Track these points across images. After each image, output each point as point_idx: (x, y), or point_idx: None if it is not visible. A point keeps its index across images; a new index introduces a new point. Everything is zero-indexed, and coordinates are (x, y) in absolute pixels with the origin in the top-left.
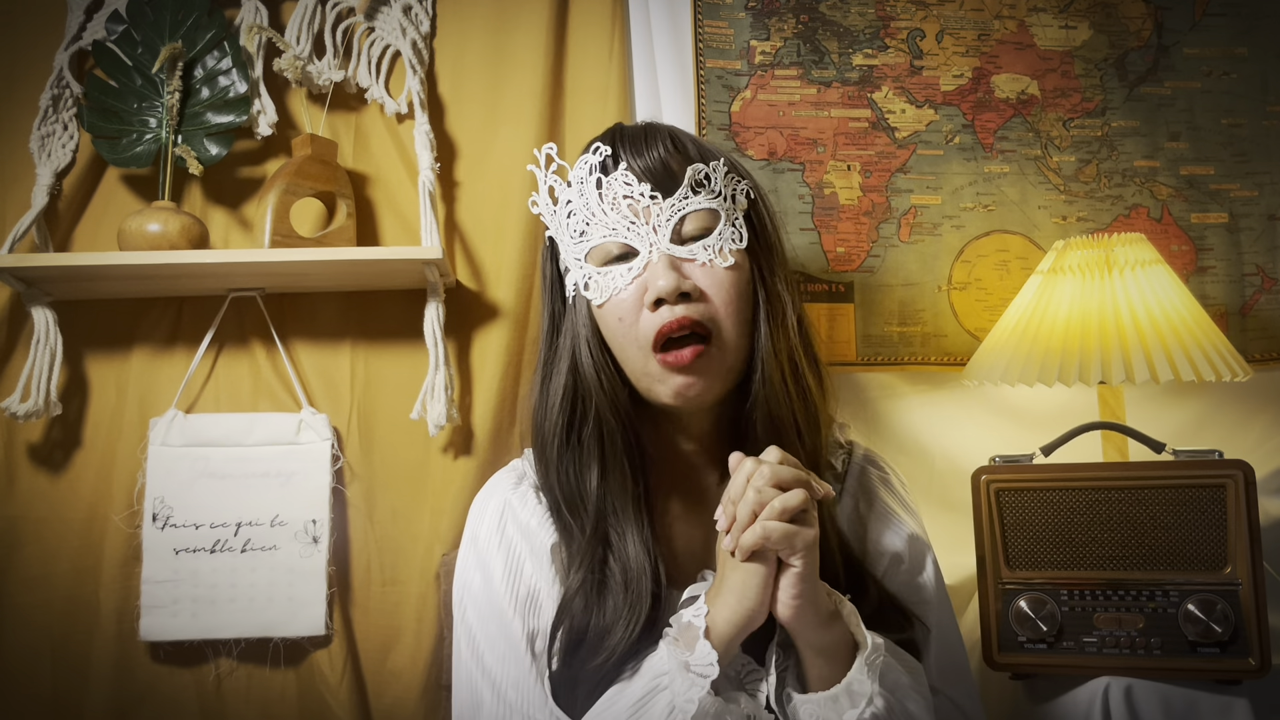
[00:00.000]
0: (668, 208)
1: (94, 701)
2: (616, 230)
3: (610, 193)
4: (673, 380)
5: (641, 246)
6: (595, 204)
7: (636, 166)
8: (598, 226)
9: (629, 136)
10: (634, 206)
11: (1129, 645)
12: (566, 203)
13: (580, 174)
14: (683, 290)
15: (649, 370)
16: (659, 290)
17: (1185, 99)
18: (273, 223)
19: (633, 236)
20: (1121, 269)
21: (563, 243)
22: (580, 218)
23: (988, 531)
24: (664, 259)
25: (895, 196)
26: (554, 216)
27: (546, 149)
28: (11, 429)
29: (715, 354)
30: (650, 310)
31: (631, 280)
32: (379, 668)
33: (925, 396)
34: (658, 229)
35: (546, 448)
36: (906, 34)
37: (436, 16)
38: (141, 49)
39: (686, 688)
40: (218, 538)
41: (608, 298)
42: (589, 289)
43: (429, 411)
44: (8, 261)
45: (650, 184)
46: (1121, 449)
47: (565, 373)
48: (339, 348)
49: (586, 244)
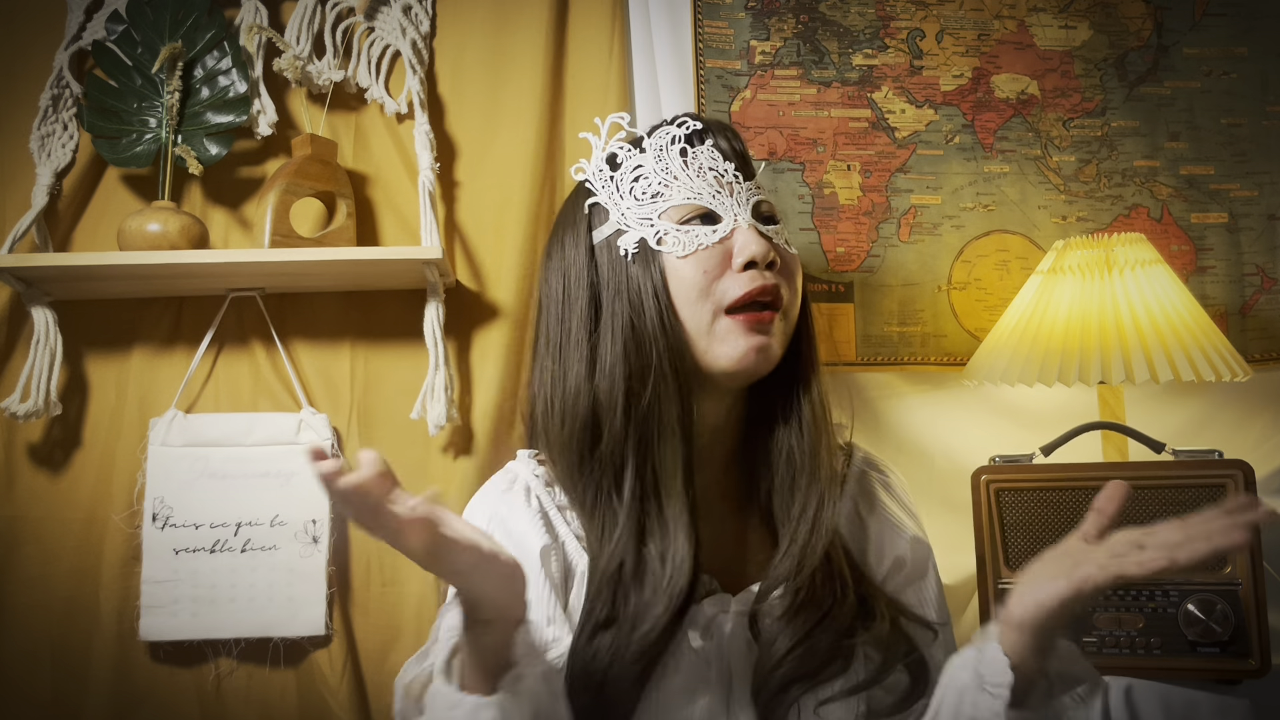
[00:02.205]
0: (747, 189)
1: (93, 701)
2: (701, 195)
3: (696, 162)
4: (745, 340)
5: (726, 214)
6: (679, 169)
7: (723, 146)
8: (679, 189)
9: (715, 123)
10: (719, 179)
11: (1129, 645)
12: (635, 167)
13: (659, 142)
14: (771, 259)
15: (715, 330)
16: (754, 253)
17: (1185, 99)
18: (273, 223)
19: (717, 204)
20: (1121, 269)
21: (619, 205)
22: (656, 180)
23: (987, 531)
24: (752, 228)
25: (895, 196)
26: (609, 182)
27: (613, 118)
28: (11, 429)
29: (782, 325)
30: (737, 271)
31: (719, 240)
32: (379, 668)
33: (925, 396)
34: (741, 204)
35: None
36: (906, 34)
37: (436, 16)
38: (141, 49)
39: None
40: (218, 538)
41: (692, 251)
42: (665, 243)
43: (429, 411)
44: (8, 261)
45: (734, 164)
46: (1121, 449)
47: (621, 336)
48: (339, 348)
49: (663, 204)
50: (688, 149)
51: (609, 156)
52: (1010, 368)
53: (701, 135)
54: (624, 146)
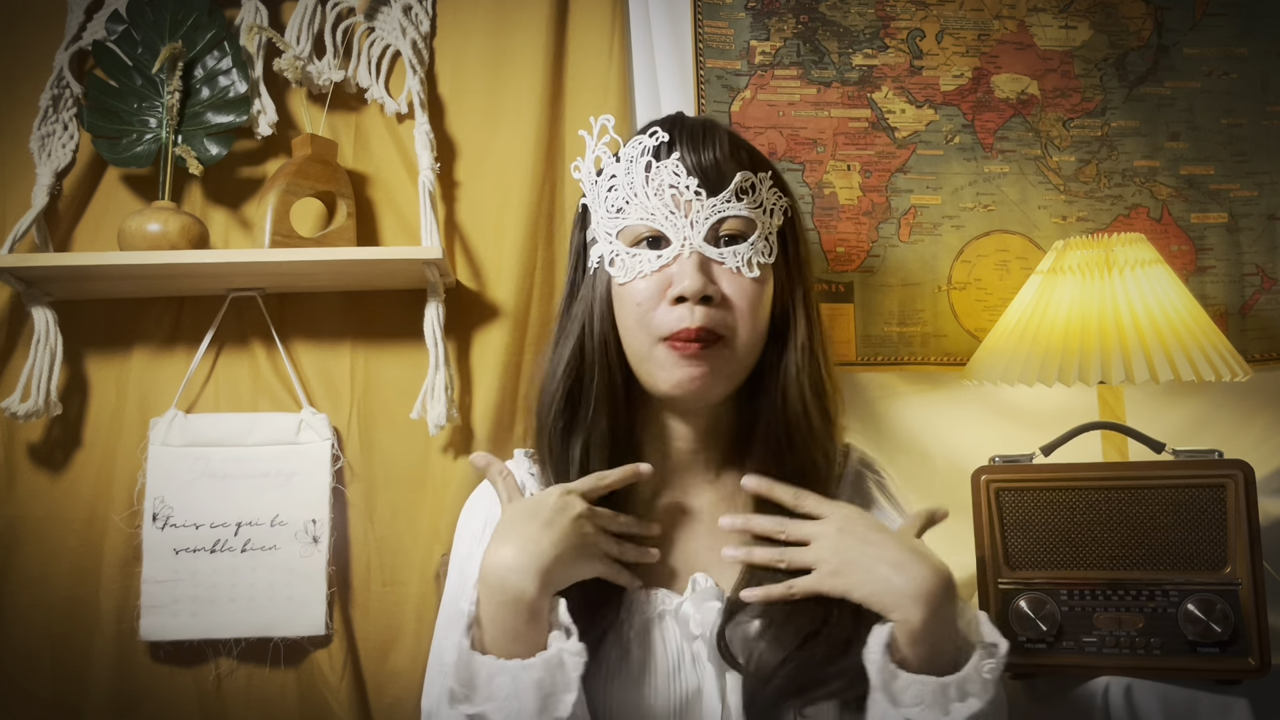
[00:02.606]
0: (708, 206)
1: (94, 701)
2: (654, 216)
3: (656, 178)
4: (678, 370)
5: (675, 237)
6: (640, 185)
7: (689, 160)
8: (636, 208)
9: (689, 129)
10: (676, 198)
11: (1129, 645)
12: (610, 176)
13: (632, 153)
14: (706, 293)
15: (654, 356)
16: (684, 288)
17: (1185, 99)
18: (273, 223)
19: (668, 226)
20: (1121, 269)
21: (597, 214)
22: (621, 195)
23: (987, 531)
24: (695, 256)
25: (895, 196)
26: (594, 187)
27: (603, 120)
28: (11, 429)
29: (725, 354)
30: (670, 305)
31: (659, 268)
32: (379, 668)
33: (925, 396)
34: (694, 224)
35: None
36: (906, 34)
37: (436, 16)
38: (141, 49)
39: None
40: (218, 538)
41: (631, 279)
42: (614, 265)
43: (429, 411)
44: (8, 261)
45: (698, 179)
46: (1121, 449)
47: (574, 339)
48: (339, 348)
49: (622, 221)
50: (652, 163)
51: (596, 159)
52: (1010, 368)
53: (670, 146)
54: (606, 152)
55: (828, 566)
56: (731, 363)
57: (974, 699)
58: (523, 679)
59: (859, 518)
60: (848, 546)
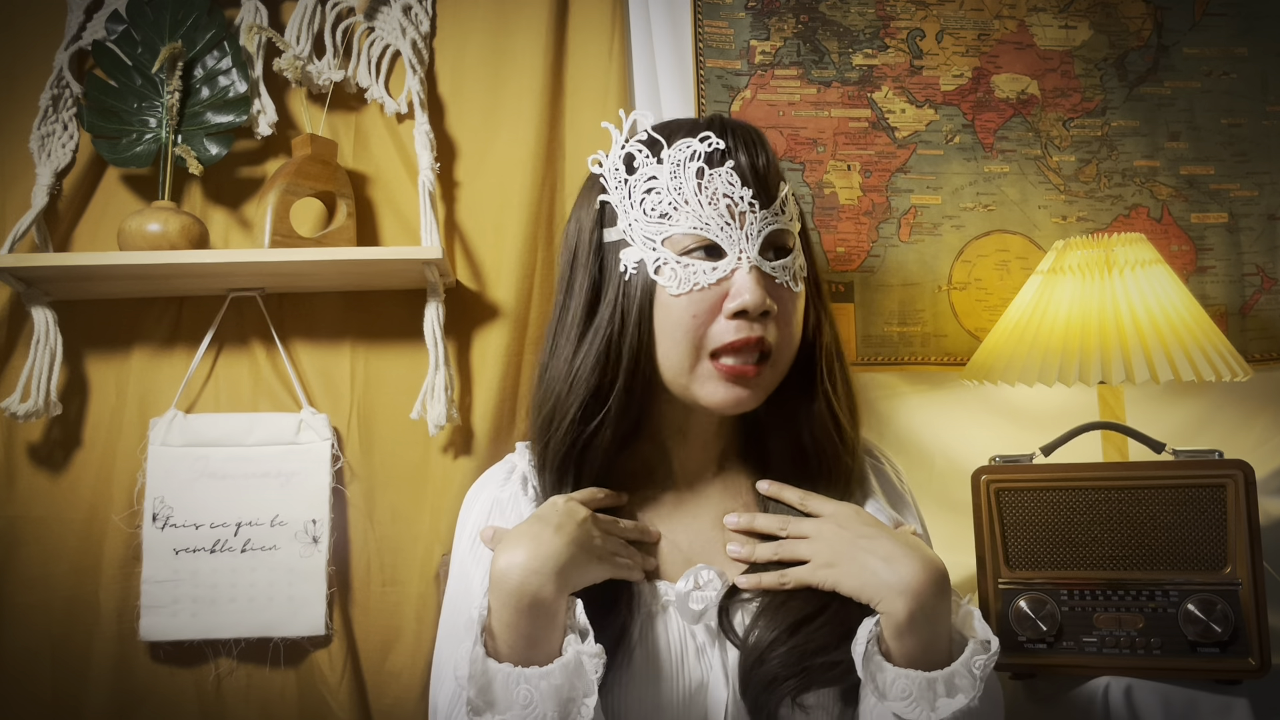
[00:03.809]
0: (761, 219)
1: (94, 701)
2: (709, 226)
3: (710, 186)
4: (725, 389)
5: (731, 250)
6: (692, 192)
7: (744, 167)
8: (688, 216)
9: (740, 133)
10: (732, 208)
11: (1129, 645)
12: (649, 178)
13: (679, 156)
14: (765, 308)
15: (698, 372)
16: (746, 303)
17: (1185, 99)
18: (273, 223)
19: (724, 238)
20: (1121, 269)
21: (629, 216)
22: (666, 199)
23: (987, 531)
24: (755, 271)
25: (895, 196)
26: (623, 185)
27: (635, 115)
28: (11, 429)
29: (768, 374)
30: (726, 318)
31: (717, 281)
32: (379, 668)
33: (925, 396)
34: (749, 237)
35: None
36: (906, 34)
37: (436, 16)
38: (141, 49)
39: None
40: (218, 538)
41: (686, 290)
42: (661, 274)
43: (429, 411)
44: (8, 261)
45: (752, 190)
46: (1121, 449)
47: (599, 345)
48: (339, 348)
49: (669, 228)
50: (705, 169)
51: (626, 156)
52: (1010, 368)
53: (724, 154)
54: (641, 150)
55: (821, 559)
56: (774, 379)
57: (962, 695)
58: (542, 687)
59: (855, 514)
60: (842, 540)
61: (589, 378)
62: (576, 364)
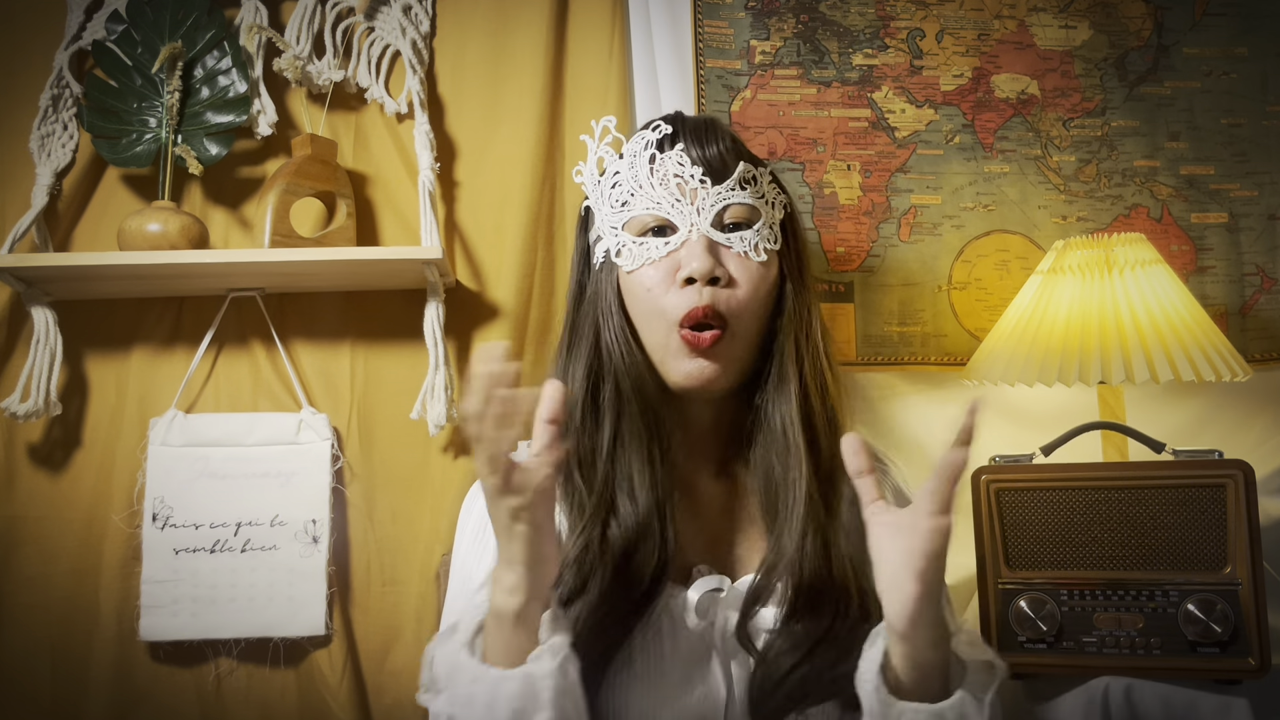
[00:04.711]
0: (713, 194)
1: (93, 701)
2: (660, 205)
3: (662, 169)
4: (689, 363)
5: (682, 224)
6: (645, 177)
7: (693, 151)
8: (642, 198)
9: (691, 124)
10: (682, 186)
11: (1129, 645)
12: (614, 173)
13: (635, 148)
14: (715, 274)
15: (669, 344)
16: (692, 269)
17: (1185, 99)
18: (273, 223)
19: (675, 213)
20: (1121, 269)
21: (600, 211)
22: (625, 188)
23: (987, 531)
24: (702, 239)
25: (895, 196)
26: (597, 186)
27: (605, 121)
28: (11, 429)
29: (731, 340)
30: (680, 287)
31: (666, 254)
32: (379, 668)
33: (925, 396)
34: (700, 211)
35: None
36: (906, 34)
37: (436, 16)
38: (141, 49)
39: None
40: (218, 538)
41: (639, 265)
42: (620, 255)
43: (429, 411)
44: (8, 261)
45: (702, 168)
46: (1121, 449)
47: (587, 340)
48: (339, 348)
49: (627, 213)
50: (656, 155)
51: (598, 161)
52: (1010, 368)
53: (673, 139)
54: (610, 152)
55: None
56: (737, 349)
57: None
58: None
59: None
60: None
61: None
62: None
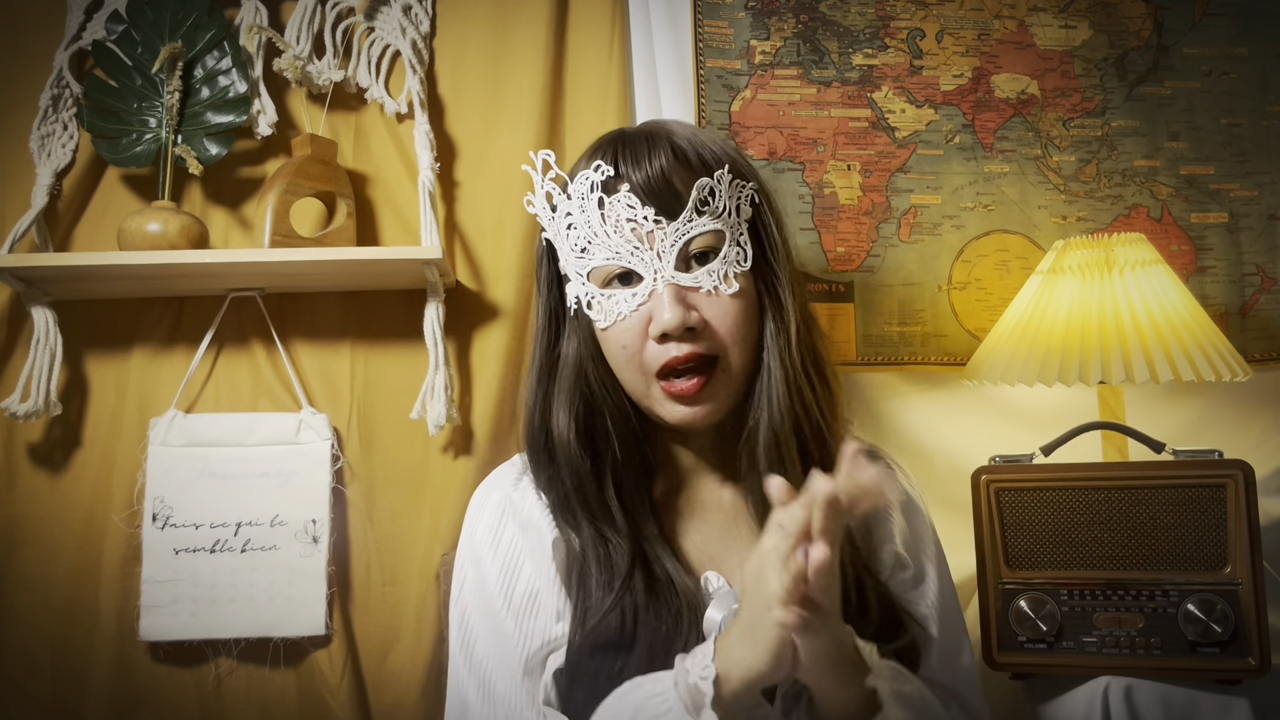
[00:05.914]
0: (672, 232)
1: (93, 701)
2: (620, 254)
3: (613, 214)
4: (676, 409)
5: (646, 273)
6: (598, 224)
7: (638, 183)
8: (600, 248)
9: (630, 147)
10: (637, 231)
11: (1129, 645)
12: (566, 214)
13: (581, 189)
14: (688, 325)
15: (652, 394)
16: (664, 325)
17: (1185, 99)
18: (273, 223)
19: (636, 262)
20: (1121, 269)
21: (561, 250)
22: (582, 234)
23: (987, 531)
24: (669, 289)
25: (895, 196)
26: (552, 223)
27: (543, 155)
28: (11, 429)
29: (721, 378)
30: (656, 342)
31: (636, 307)
32: (379, 668)
33: (925, 396)
34: (662, 255)
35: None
36: (906, 34)
37: (436, 16)
38: (141, 49)
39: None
40: (218, 538)
41: (612, 323)
42: (592, 309)
43: (429, 411)
44: (8, 261)
45: (654, 206)
46: (1121, 449)
47: (572, 379)
48: (339, 348)
49: (589, 262)
50: (604, 198)
51: (545, 196)
52: (1010, 368)
53: (616, 182)
54: (555, 189)
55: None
56: (728, 385)
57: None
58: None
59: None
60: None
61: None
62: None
